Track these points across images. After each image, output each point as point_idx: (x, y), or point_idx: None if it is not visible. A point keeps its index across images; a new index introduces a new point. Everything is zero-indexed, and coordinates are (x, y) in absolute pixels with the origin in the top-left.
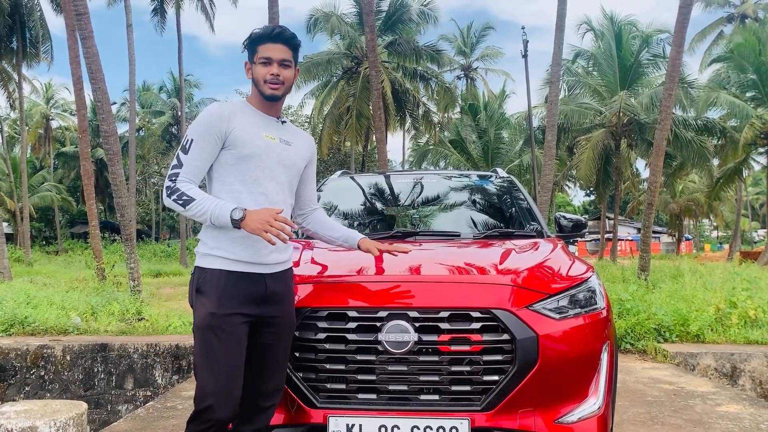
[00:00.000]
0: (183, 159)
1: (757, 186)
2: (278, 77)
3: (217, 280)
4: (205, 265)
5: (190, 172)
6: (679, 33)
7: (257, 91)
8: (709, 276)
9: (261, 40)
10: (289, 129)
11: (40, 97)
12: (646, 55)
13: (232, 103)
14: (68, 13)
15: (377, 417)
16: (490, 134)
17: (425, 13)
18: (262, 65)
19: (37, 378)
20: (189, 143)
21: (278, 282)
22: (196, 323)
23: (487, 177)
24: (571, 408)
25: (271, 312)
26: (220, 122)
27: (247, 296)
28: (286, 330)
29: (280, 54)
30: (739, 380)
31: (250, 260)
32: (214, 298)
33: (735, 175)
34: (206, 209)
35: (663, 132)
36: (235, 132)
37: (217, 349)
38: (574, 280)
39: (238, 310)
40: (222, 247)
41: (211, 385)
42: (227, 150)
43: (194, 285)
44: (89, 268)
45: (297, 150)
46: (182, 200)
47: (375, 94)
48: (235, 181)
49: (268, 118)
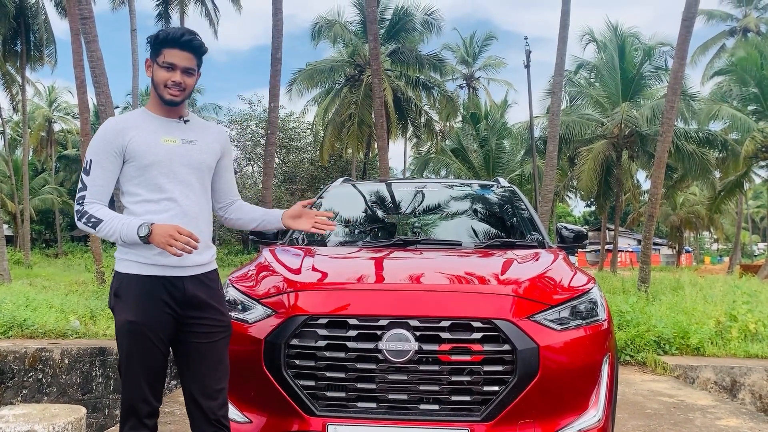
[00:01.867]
0: (86, 181)
1: (757, 199)
2: (180, 85)
3: (135, 284)
4: (122, 269)
5: (96, 193)
6: (681, 46)
7: (156, 94)
8: (710, 289)
9: (167, 44)
10: (194, 126)
11: (43, 100)
12: (648, 67)
13: (127, 115)
14: (73, 17)
15: (376, 426)
16: (492, 143)
17: (428, 22)
18: (165, 70)
19: (34, 381)
20: (89, 164)
21: (198, 284)
22: (117, 328)
23: (489, 186)
24: (571, 420)
25: (196, 315)
26: (114, 138)
27: (163, 300)
28: (218, 331)
29: (185, 62)
30: (738, 394)
31: (165, 263)
32: (131, 304)
33: (736, 188)
34: (114, 229)
35: (664, 144)
36: (132, 144)
37: (136, 354)
38: (576, 292)
39: (154, 316)
40: (137, 252)
41: (131, 387)
42: (128, 163)
43: (113, 289)
44: (89, 272)
45: (202, 147)
46: (91, 222)
47: (377, 102)
48: (142, 192)
49: (167, 122)
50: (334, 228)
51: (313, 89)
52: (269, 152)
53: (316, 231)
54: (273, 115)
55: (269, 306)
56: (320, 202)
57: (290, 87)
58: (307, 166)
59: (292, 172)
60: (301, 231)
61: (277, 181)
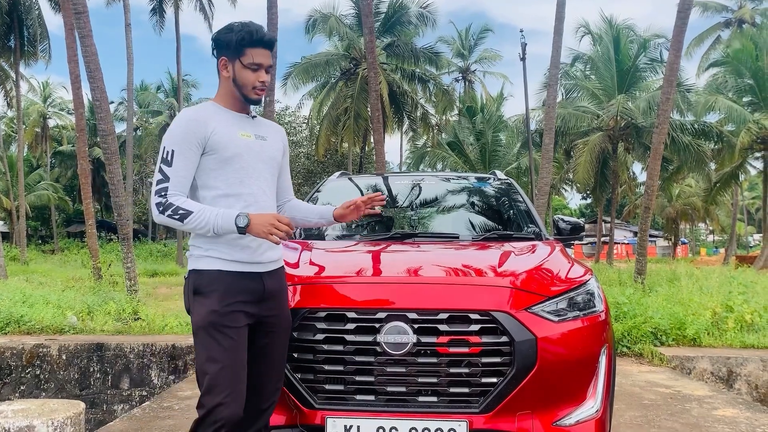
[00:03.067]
0: (168, 172)
1: (753, 190)
2: (266, 84)
3: (217, 280)
4: (202, 267)
5: (179, 184)
6: (677, 37)
7: (239, 94)
8: (706, 280)
9: (252, 44)
10: (261, 123)
11: (38, 96)
12: (643, 60)
13: (202, 107)
14: (67, 12)
15: (375, 419)
16: (488, 137)
17: (424, 15)
18: (251, 71)
19: (32, 377)
20: (170, 155)
21: (274, 280)
22: (197, 323)
23: (486, 179)
24: (569, 411)
25: (269, 311)
26: (197, 128)
27: (246, 295)
28: (283, 329)
29: (268, 60)
30: (735, 384)
31: (247, 260)
32: (214, 297)
33: (731, 180)
34: (207, 220)
35: (660, 136)
36: (215, 136)
37: (221, 346)
38: (573, 283)
39: (239, 307)
40: (218, 249)
41: (218, 383)
42: (208, 155)
43: (191, 288)
44: (85, 268)
45: (272, 144)
46: (178, 215)
47: (373, 96)
48: (221, 185)
49: (240, 117)
50: (383, 200)
51: (309, 83)
52: None
53: (371, 213)
54: (269, 110)
55: None
56: (317, 195)
57: (285, 81)
58: (303, 160)
59: None
60: None
61: None
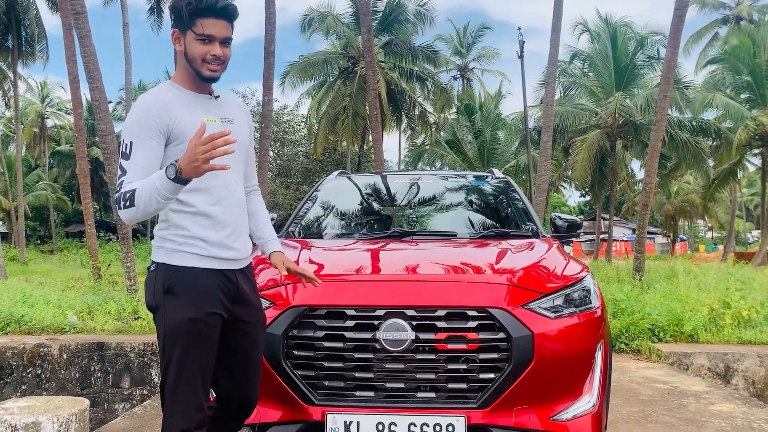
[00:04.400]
0: (126, 165)
1: (751, 187)
2: (220, 58)
3: (194, 278)
4: (175, 262)
5: (136, 176)
6: (674, 35)
7: (191, 69)
8: (704, 276)
9: (202, 13)
10: (225, 103)
11: (36, 96)
12: (641, 57)
13: (160, 90)
14: (65, 12)
15: (375, 414)
16: (486, 135)
17: (421, 13)
18: (201, 42)
19: (33, 377)
20: (129, 147)
21: (246, 279)
22: (170, 327)
23: (484, 177)
24: (566, 406)
25: (243, 312)
26: (158, 114)
27: (221, 294)
28: (260, 329)
29: (224, 32)
30: (732, 380)
31: (224, 256)
32: (189, 300)
33: (730, 177)
34: (149, 192)
35: (658, 133)
36: (179, 125)
37: (194, 355)
38: (569, 280)
39: (216, 309)
40: (195, 243)
41: (184, 395)
42: (174, 145)
43: (160, 284)
44: (85, 267)
45: (239, 127)
46: (128, 200)
47: (372, 94)
48: None
49: (204, 99)
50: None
51: (307, 82)
52: (264, 146)
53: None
54: (267, 109)
55: (267, 298)
56: (316, 195)
57: (283, 80)
58: (301, 159)
59: (286, 166)
60: (297, 224)
61: (272, 175)
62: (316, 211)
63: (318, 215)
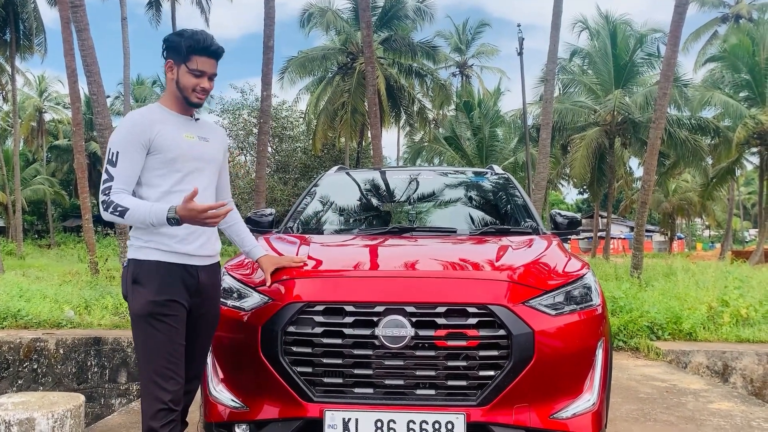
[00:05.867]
0: (113, 172)
1: (749, 186)
2: (207, 90)
3: (155, 270)
4: (141, 257)
5: (122, 183)
6: (674, 32)
7: (181, 96)
8: (702, 275)
9: (199, 52)
10: (204, 125)
11: (33, 90)
12: (640, 54)
13: (148, 110)
14: (63, 5)
15: (373, 411)
16: (485, 132)
17: (421, 9)
18: (193, 76)
19: (30, 371)
20: (115, 156)
21: (209, 275)
22: (136, 311)
23: (483, 174)
24: (566, 404)
25: (200, 304)
26: (143, 130)
27: (181, 285)
28: (211, 322)
29: (213, 69)
30: (730, 378)
31: (185, 252)
32: (152, 287)
33: (728, 175)
34: (143, 215)
35: (657, 131)
36: (159, 138)
37: (161, 335)
38: (570, 277)
39: (175, 296)
40: (159, 240)
41: (162, 372)
42: (153, 155)
43: (130, 276)
44: (82, 262)
45: (214, 145)
46: (118, 211)
47: (370, 90)
48: (164, 184)
49: (185, 119)
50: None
51: (306, 77)
52: (262, 141)
53: None
54: (265, 104)
55: (265, 294)
56: (315, 190)
57: (282, 75)
58: (300, 155)
59: (285, 161)
60: (296, 220)
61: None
62: (314, 207)
63: (317, 211)
